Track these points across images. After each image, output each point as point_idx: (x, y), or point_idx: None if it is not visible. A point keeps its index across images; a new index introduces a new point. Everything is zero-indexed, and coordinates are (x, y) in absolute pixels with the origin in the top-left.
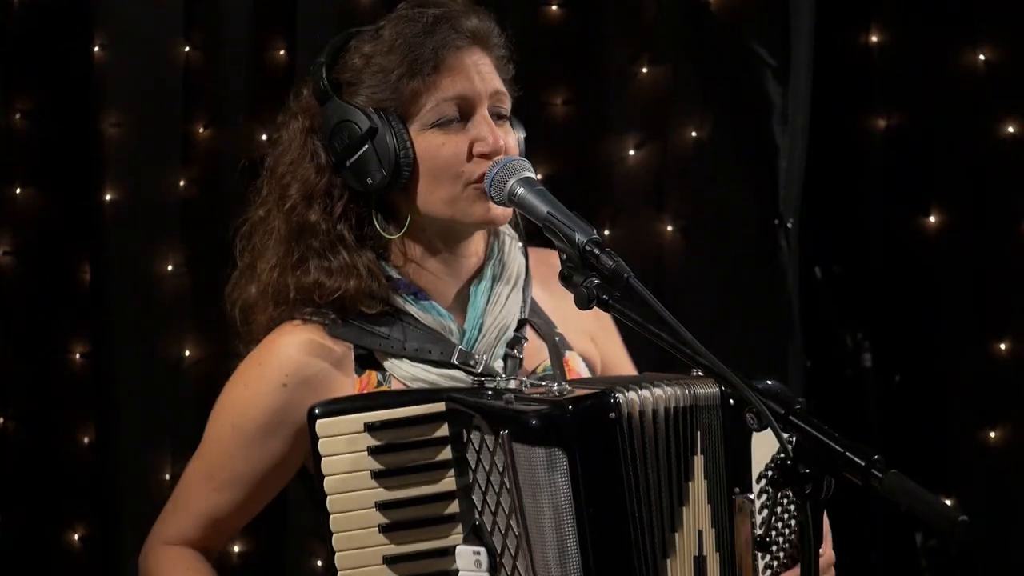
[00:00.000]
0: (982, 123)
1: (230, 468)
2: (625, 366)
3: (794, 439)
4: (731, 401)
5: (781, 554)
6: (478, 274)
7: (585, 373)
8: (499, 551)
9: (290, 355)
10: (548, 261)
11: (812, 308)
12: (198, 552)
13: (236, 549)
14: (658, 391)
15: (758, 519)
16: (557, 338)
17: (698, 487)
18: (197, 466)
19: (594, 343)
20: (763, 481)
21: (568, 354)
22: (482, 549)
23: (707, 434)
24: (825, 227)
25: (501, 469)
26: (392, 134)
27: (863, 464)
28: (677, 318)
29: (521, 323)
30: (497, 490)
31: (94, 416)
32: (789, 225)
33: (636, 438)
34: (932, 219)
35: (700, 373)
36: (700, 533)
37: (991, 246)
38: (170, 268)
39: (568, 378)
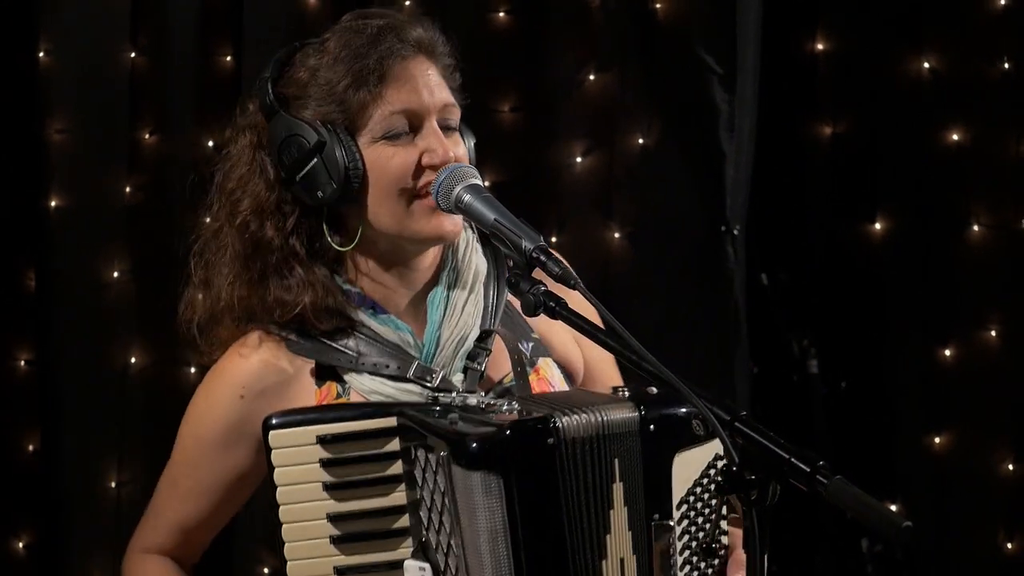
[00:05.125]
0: (927, 130)
1: (194, 477)
2: (609, 367)
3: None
4: (651, 427)
5: None
6: (433, 282)
7: (559, 381)
8: (442, 569)
9: (247, 367)
10: None
11: (759, 314)
12: (172, 561)
13: None
14: (583, 417)
15: (679, 544)
16: (531, 345)
17: (619, 515)
18: (167, 474)
19: (578, 345)
20: (684, 507)
21: (541, 361)
22: (427, 565)
23: (625, 461)
24: (771, 234)
25: (443, 489)
26: (340, 147)
27: (808, 470)
28: (624, 325)
29: (486, 333)
30: (440, 509)
31: (39, 423)
32: (736, 232)
33: (570, 464)
34: (878, 226)
35: (626, 392)
36: (622, 561)
37: (936, 253)
38: (116, 275)
39: (535, 390)
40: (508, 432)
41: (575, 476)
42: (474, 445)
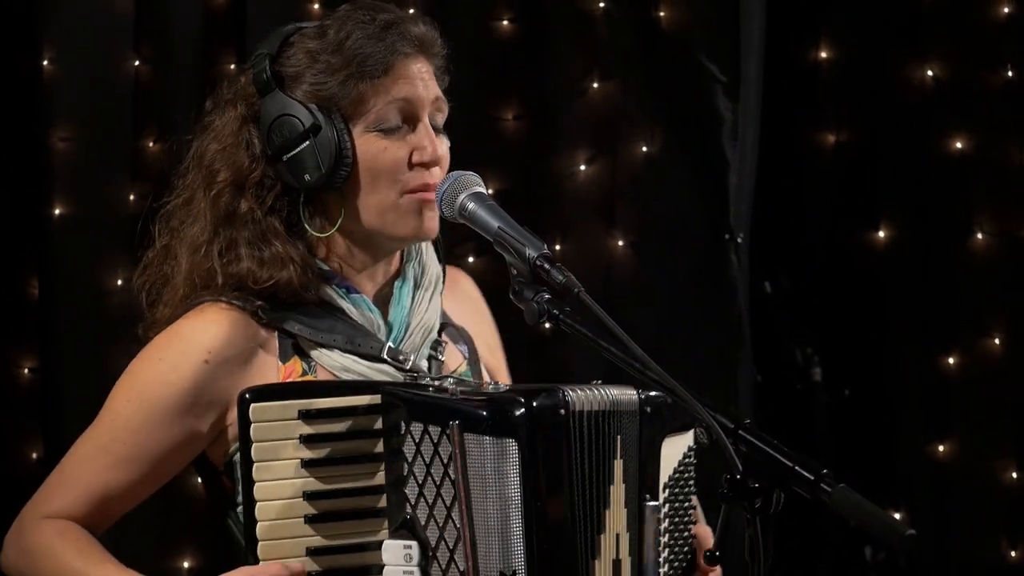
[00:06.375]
0: (930, 139)
1: (132, 443)
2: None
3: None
4: (647, 409)
5: (676, 563)
6: (398, 274)
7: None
8: (433, 545)
9: (215, 332)
10: (450, 274)
11: (762, 322)
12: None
13: (185, 565)
14: (589, 393)
15: (662, 527)
16: (467, 347)
17: (618, 491)
18: (93, 439)
19: (491, 354)
20: (667, 491)
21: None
22: (413, 543)
23: (626, 439)
24: (775, 242)
25: (446, 461)
26: (334, 133)
27: (812, 478)
28: (627, 332)
29: (442, 326)
30: (438, 482)
31: (42, 431)
32: (739, 240)
33: (577, 437)
34: (881, 234)
35: (600, 382)
36: (617, 536)
37: (939, 260)
38: (119, 282)
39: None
40: (523, 400)
41: (581, 449)
42: (492, 412)
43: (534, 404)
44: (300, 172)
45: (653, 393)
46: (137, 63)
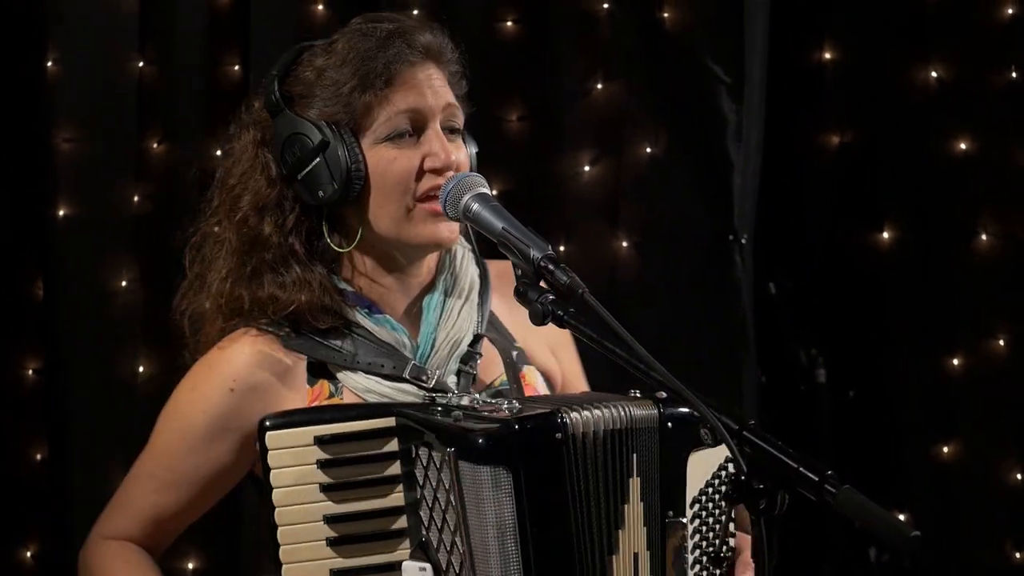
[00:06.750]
0: (934, 140)
1: (173, 468)
2: (580, 381)
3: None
4: (669, 424)
5: None
6: (430, 287)
7: (543, 388)
8: (444, 568)
9: (240, 361)
10: (508, 274)
11: (766, 324)
12: (140, 548)
13: (190, 566)
14: (598, 412)
15: (690, 543)
16: (515, 353)
17: (634, 510)
18: (143, 464)
19: (555, 356)
20: (696, 506)
21: (526, 369)
22: (428, 565)
23: (643, 456)
24: (779, 243)
25: (448, 486)
26: (344, 147)
27: (817, 480)
28: (631, 333)
29: (477, 337)
30: (443, 507)
31: (47, 432)
32: (743, 241)
33: (579, 459)
34: (885, 235)
35: (637, 393)
36: (636, 556)
37: (943, 262)
38: (124, 284)
39: (524, 394)
40: (516, 427)
41: (585, 470)
42: (484, 440)
43: (527, 431)
44: (315, 189)
45: (681, 409)
46: (141, 64)
